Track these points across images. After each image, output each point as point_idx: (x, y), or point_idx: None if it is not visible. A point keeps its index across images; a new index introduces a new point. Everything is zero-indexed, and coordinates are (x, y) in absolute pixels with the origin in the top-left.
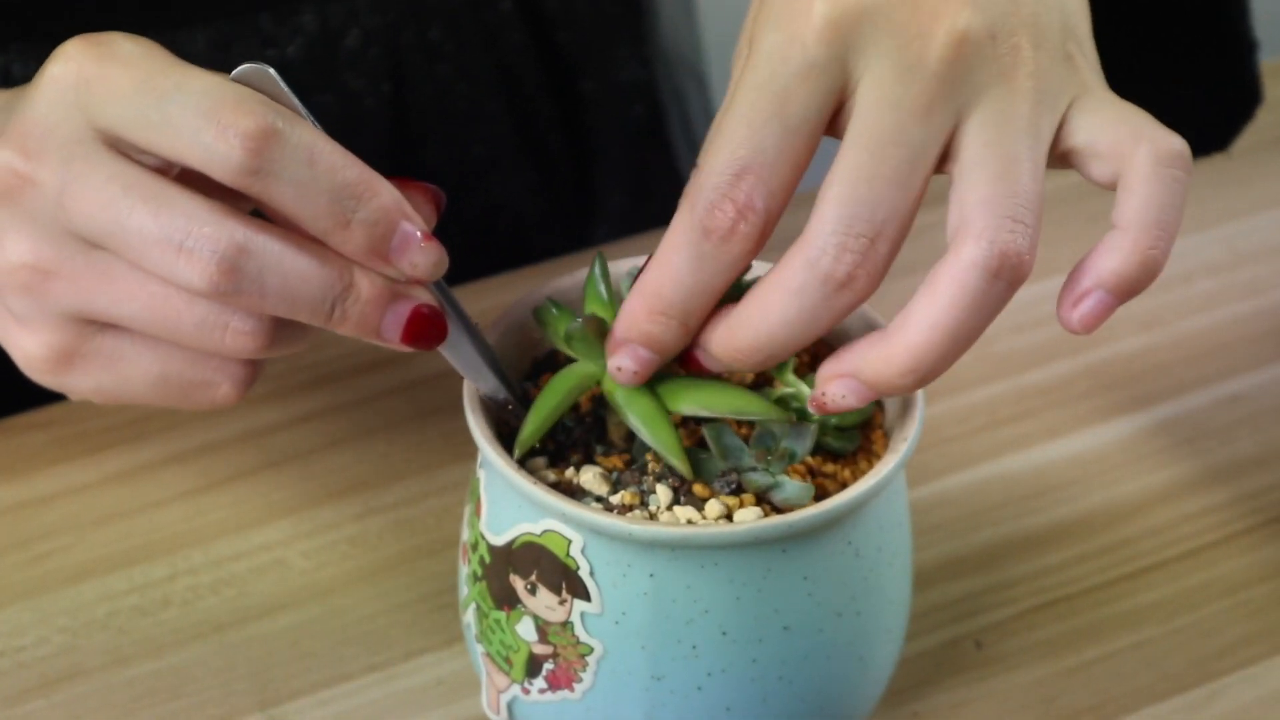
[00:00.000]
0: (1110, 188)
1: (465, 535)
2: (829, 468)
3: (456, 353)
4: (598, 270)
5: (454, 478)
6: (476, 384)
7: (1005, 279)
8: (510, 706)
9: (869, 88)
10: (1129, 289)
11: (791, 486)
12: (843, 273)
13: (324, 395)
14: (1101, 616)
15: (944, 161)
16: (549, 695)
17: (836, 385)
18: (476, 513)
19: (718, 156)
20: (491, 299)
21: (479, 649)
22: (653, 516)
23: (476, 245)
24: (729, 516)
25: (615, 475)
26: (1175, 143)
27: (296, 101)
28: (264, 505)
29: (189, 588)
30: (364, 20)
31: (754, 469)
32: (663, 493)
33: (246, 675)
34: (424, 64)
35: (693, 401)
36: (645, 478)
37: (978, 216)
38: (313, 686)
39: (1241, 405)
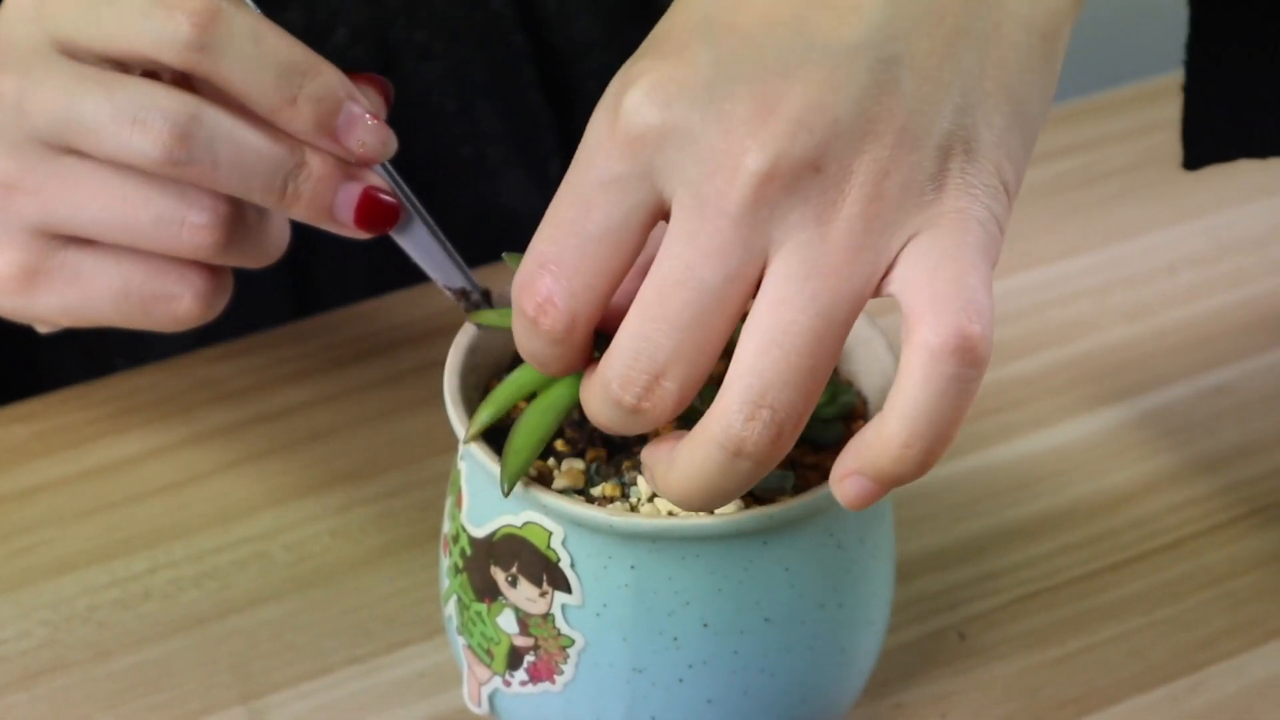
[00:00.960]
0: None
1: (446, 527)
2: (810, 459)
3: (412, 239)
4: None
5: (436, 470)
6: (434, 274)
7: (747, 458)
8: (491, 699)
9: (674, 214)
10: (889, 480)
11: (772, 474)
12: (629, 403)
13: (305, 389)
14: (1085, 608)
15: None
16: (530, 687)
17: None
18: (458, 505)
19: (534, 240)
20: None
21: (460, 641)
22: (634, 508)
23: (464, 244)
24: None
25: (595, 466)
26: (957, 332)
27: None
28: (245, 498)
29: (170, 581)
30: (351, 17)
31: None
32: (644, 484)
33: (228, 668)
34: (412, 62)
35: None
36: (627, 469)
37: (728, 392)
38: (294, 679)
39: (1226, 396)
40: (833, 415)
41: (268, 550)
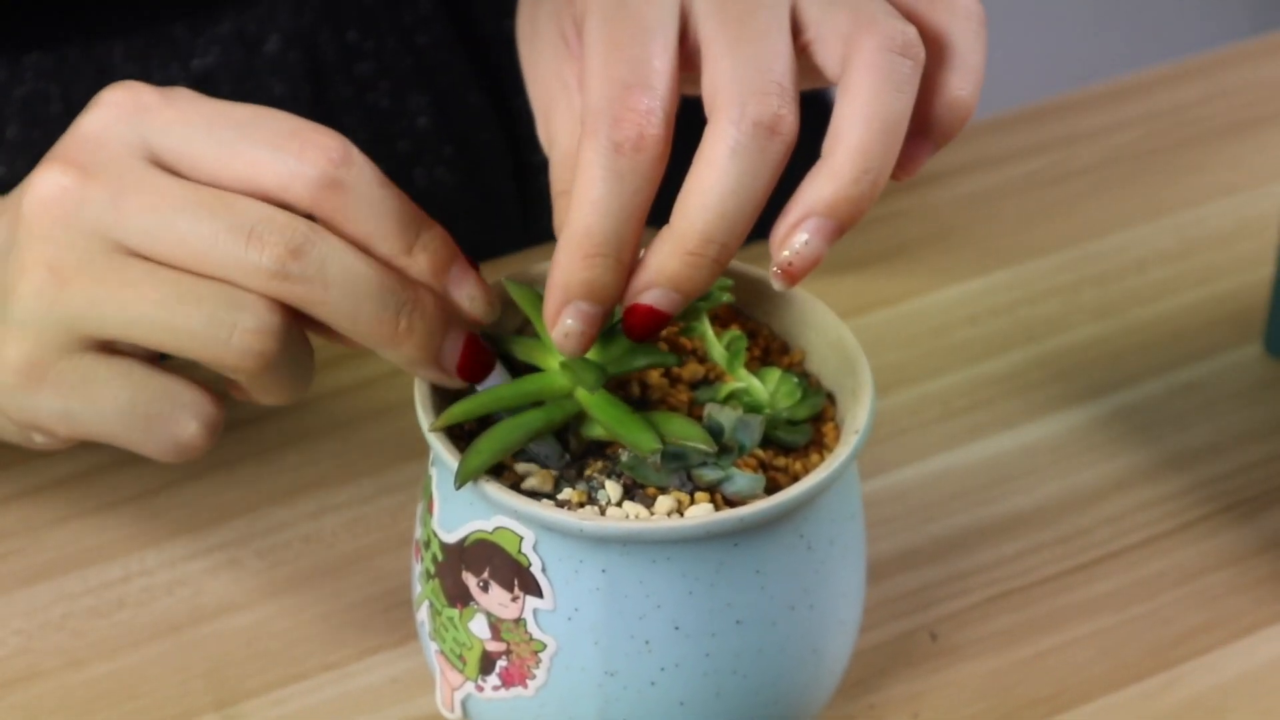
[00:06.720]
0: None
1: (418, 533)
2: (780, 461)
3: (488, 381)
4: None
5: (407, 476)
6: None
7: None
8: (465, 704)
9: None
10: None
11: (742, 479)
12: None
13: None
14: (1057, 606)
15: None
16: (503, 692)
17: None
18: (429, 510)
19: (599, 84)
20: None
21: (433, 647)
22: (601, 512)
23: None
24: (680, 511)
25: (560, 472)
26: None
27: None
28: (218, 505)
29: (143, 589)
30: (282, 24)
31: (704, 463)
32: (611, 488)
33: (202, 675)
34: (343, 64)
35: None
36: (593, 475)
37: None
38: (268, 686)
39: (1195, 393)
40: (803, 417)
41: (240, 557)
